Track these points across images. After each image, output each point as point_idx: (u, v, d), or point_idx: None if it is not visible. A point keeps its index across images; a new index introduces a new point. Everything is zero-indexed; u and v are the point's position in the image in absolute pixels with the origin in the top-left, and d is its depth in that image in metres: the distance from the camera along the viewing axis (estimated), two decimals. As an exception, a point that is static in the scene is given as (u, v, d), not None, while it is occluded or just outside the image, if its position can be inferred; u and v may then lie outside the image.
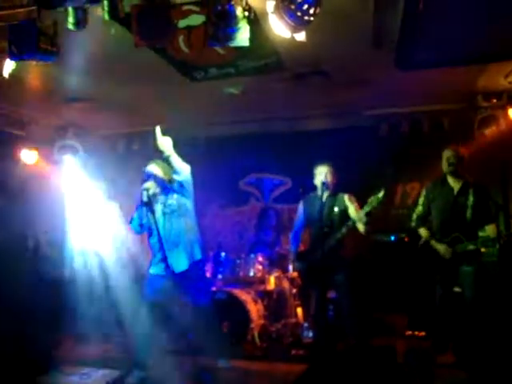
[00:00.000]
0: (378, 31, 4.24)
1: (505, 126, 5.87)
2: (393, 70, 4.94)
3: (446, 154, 4.70)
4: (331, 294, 5.27)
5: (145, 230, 4.46)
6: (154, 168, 4.47)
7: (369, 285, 5.81)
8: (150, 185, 4.34)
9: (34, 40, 3.13)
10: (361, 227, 4.56)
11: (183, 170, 4.35)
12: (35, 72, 4.88)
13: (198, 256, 4.52)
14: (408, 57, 4.60)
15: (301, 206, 5.12)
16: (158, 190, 4.41)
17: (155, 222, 4.26)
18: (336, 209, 4.69)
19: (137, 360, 4.26)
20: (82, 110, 6.28)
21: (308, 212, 4.98)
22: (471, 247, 4.45)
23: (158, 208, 4.37)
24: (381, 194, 4.27)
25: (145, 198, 4.23)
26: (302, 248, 5.24)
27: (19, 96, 5.53)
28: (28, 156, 6.74)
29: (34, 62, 3.84)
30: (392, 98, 6.09)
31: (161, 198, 4.43)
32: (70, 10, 3.16)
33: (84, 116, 6.60)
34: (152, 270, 4.43)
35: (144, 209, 4.33)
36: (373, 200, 4.31)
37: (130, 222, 4.47)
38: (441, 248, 4.57)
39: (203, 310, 4.55)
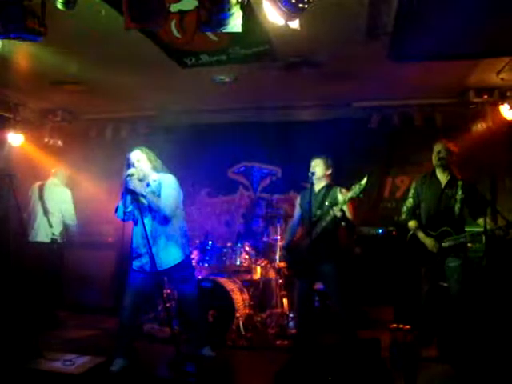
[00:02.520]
0: (372, 23, 4.20)
1: (495, 123, 5.89)
2: (385, 63, 4.92)
3: (437, 147, 4.71)
4: (318, 286, 5.28)
5: (130, 218, 4.27)
6: (139, 154, 4.33)
7: (356, 277, 5.82)
8: (135, 171, 4.15)
9: (21, 18, 3.05)
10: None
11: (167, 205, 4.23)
12: (23, 53, 4.80)
13: (186, 252, 4.44)
14: (401, 49, 4.57)
15: (298, 198, 5.11)
16: (142, 177, 4.27)
17: (140, 212, 4.11)
18: (327, 201, 4.67)
19: (119, 348, 4.21)
20: (69, 94, 6.19)
21: (301, 204, 4.98)
22: (460, 240, 4.47)
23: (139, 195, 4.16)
24: (363, 181, 4.24)
25: (129, 186, 4.04)
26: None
27: (6, 78, 5.43)
28: (14, 138, 6.64)
29: (21, 43, 3.80)
30: (383, 90, 6.07)
31: (145, 185, 4.29)
32: (59, -12, 3.09)
33: (72, 100, 6.51)
34: (135, 264, 4.30)
35: (128, 196, 4.12)
36: (356, 187, 4.29)
37: (116, 210, 4.30)
38: (428, 242, 4.59)
39: (189, 300, 4.53)
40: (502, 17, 3.97)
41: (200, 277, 5.66)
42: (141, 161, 4.30)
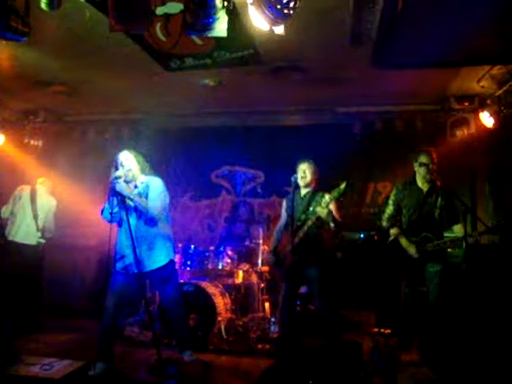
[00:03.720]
0: (356, 29, 4.25)
1: (475, 129, 5.98)
2: (369, 69, 4.98)
3: (423, 159, 4.67)
4: (302, 290, 5.28)
5: (116, 219, 4.24)
6: (127, 154, 4.33)
7: (338, 281, 5.85)
8: (122, 173, 4.14)
9: (4, 18, 3.02)
10: (329, 223, 4.58)
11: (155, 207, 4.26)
12: (5, 53, 4.74)
13: (170, 256, 4.43)
14: (385, 56, 4.63)
15: (284, 202, 5.12)
16: (130, 178, 4.26)
17: (126, 213, 4.08)
18: (312, 206, 4.69)
19: (100, 351, 4.18)
20: (52, 95, 6.14)
21: (286, 208, 4.99)
22: (440, 246, 4.52)
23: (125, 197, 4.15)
24: (342, 186, 4.28)
25: (116, 188, 4.03)
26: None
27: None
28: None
29: (3, 42, 3.76)
30: (367, 96, 6.14)
31: (133, 187, 4.29)
32: (44, -12, 3.07)
33: (55, 101, 6.46)
34: (119, 265, 4.29)
35: (115, 198, 4.08)
36: (335, 191, 4.33)
37: (102, 212, 4.27)
38: (411, 249, 4.61)
39: (171, 303, 4.51)
40: (482, 27, 4.05)
41: (182, 280, 5.63)
42: (129, 160, 4.29)
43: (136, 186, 4.33)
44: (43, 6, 3.12)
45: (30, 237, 5.92)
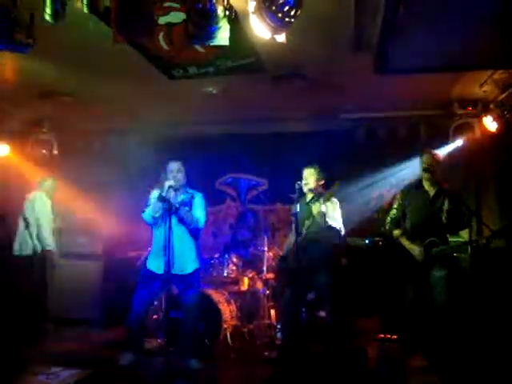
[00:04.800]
0: (357, 36, 4.26)
1: (479, 134, 5.97)
2: (371, 75, 4.98)
3: (423, 158, 4.72)
4: (308, 296, 5.27)
5: (156, 222, 4.57)
6: (180, 166, 4.69)
7: (343, 287, 5.84)
8: (174, 183, 4.44)
9: (8, 30, 3.05)
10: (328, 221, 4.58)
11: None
12: (10, 64, 4.79)
13: (197, 265, 4.73)
14: (386, 62, 4.64)
15: (292, 209, 5.13)
16: (178, 187, 4.56)
17: (169, 219, 4.29)
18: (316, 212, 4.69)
19: (129, 343, 4.58)
20: (57, 105, 6.16)
21: (294, 214, 5.00)
22: (447, 251, 4.50)
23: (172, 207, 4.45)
24: (335, 187, 4.33)
25: (166, 196, 4.32)
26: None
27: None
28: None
29: (8, 54, 3.79)
30: (369, 102, 6.15)
31: (178, 196, 4.59)
32: (48, 0, 3.09)
33: (59, 111, 6.48)
34: (152, 264, 4.61)
35: (160, 204, 4.39)
36: (328, 193, 4.37)
37: (143, 212, 4.61)
38: (414, 249, 4.59)
39: (190, 310, 4.63)
40: (484, 31, 4.06)
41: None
42: (180, 172, 4.66)
43: (183, 193, 4.69)
44: (47, 18, 3.14)
45: (24, 247, 5.91)
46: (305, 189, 4.74)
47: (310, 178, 4.77)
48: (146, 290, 4.60)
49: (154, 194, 4.60)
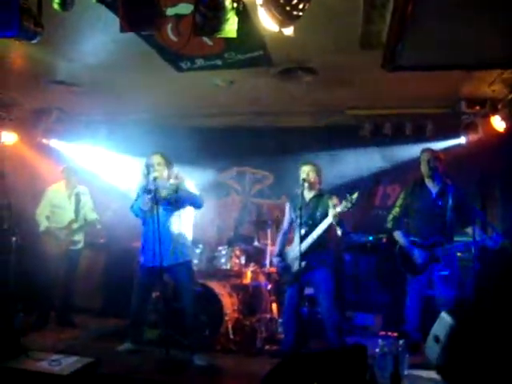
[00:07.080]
0: (366, 31, 4.24)
1: (486, 134, 5.94)
2: (378, 72, 4.95)
3: (425, 156, 4.73)
4: (308, 291, 5.29)
5: (145, 215, 4.65)
6: (159, 158, 4.70)
7: (345, 284, 5.85)
8: (159, 174, 4.50)
9: (16, 17, 3.05)
10: (337, 229, 4.59)
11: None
12: (19, 53, 4.80)
13: (190, 256, 4.84)
14: (395, 58, 4.61)
15: (287, 205, 5.13)
16: (163, 180, 4.62)
17: (156, 211, 4.36)
18: (319, 211, 4.69)
19: (130, 334, 4.78)
20: (65, 94, 6.17)
21: (290, 212, 5.00)
22: (449, 250, 4.50)
23: (159, 198, 4.51)
24: (354, 196, 4.31)
25: (153, 188, 4.38)
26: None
27: (1, 77, 5.42)
28: (7, 137, 6.64)
29: (17, 42, 3.81)
30: (376, 99, 6.12)
31: (162, 189, 4.61)
32: (56, -11, 3.10)
33: (68, 100, 6.50)
34: (145, 258, 4.72)
35: (148, 196, 4.44)
36: (347, 202, 4.35)
37: (132, 207, 4.71)
38: (399, 238, 4.62)
39: (186, 300, 4.73)
40: (495, 30, 4.02)
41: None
42: (161, 164, 4.68)
43: (166, 186, 4.69)
44: (56, 6, 3.14)
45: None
46: (304, 185, 4.74)
47: (307, 174, 4.77)
48: (144, 281, 4.74)
49: (140, 187, 4.69)
